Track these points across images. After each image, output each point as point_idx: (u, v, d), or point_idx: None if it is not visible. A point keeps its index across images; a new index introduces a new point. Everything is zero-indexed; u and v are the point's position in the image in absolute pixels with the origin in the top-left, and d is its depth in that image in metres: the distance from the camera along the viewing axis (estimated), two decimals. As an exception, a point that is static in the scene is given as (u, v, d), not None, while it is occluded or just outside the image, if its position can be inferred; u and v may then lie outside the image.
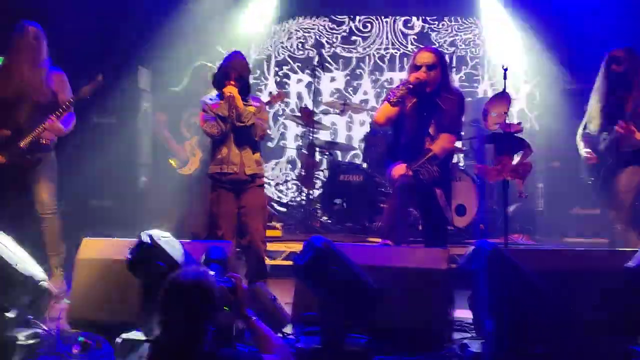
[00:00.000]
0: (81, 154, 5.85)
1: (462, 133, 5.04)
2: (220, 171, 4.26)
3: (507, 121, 4.53)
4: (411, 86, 3.94)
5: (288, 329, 3.48)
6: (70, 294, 3.65)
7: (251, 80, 7.82)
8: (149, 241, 3.00)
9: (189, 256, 3.16)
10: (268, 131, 4.44)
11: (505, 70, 4.47)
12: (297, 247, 4.82)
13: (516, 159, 4.73)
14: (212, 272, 2.36)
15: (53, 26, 4.78)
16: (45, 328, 3.40)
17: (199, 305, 2.12)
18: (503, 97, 4.52)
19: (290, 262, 4.00)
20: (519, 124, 4.59)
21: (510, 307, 3.00)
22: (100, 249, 3.60)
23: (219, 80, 4.29)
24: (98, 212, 5.94)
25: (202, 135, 4.91)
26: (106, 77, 4.75)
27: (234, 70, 4.22)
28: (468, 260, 3.06)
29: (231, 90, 4.14)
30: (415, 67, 4.08)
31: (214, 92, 4.40)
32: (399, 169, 4.08)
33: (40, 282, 3.41)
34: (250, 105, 4.31)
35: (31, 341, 3.21)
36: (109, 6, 6.74)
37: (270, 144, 8.00)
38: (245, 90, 4.31)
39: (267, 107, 4.49)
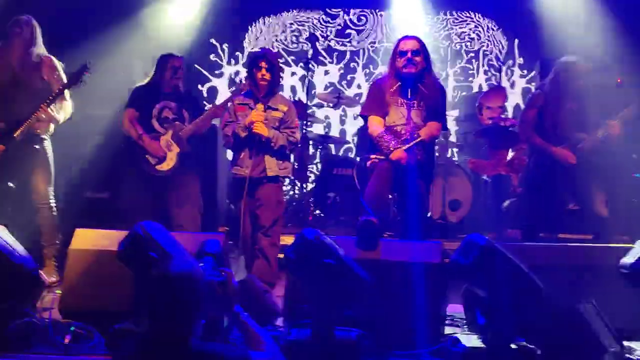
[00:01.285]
0: (76, 146, 5.83)
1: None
2: (237, 172, 4.39)
3: (503, 116, 4.55)
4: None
5: (279, 322, 3.47)
6: (62, 284, 3.63)
7: (244, 73, 7.94)
8: (141, 232, 2.99)
9: (181, 247, 3.15)
10: (297, 137, 4.47)
11: (501, 64, 4.47)
12: (290, 240, 4.80)
13: (511, 153, 4.75)
14: (202, 265, 2.32)
15: (47, 17, 4.75)
16: (38, 318, 3.39)
17: (186, 297, 2.08)
18: (498, 92, 4.52)
19: (282, 255, 4.01)
20: (514, 118, 4.59)
21: (503, 301, 3.00)
22: (92, 240, 3.58)
23: (249, 69, 4.35)
24: (94, 203, 5.93)
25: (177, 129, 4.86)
26: (100, 69, 4.72)
27: (264, 59, 4.27)
28: (461, 254, 3.06)
29: (259, 128, 4.17)
30: (399, 54, 4.11)
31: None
32: (398, 152, 4.11)
33: (33, 272, 3.41)
34: (277, 109, 4.33)
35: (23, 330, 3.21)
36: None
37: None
38: (275, 84, 4.36)
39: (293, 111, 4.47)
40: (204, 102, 7.79)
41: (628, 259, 3.06)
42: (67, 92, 4.57)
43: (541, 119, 4.66)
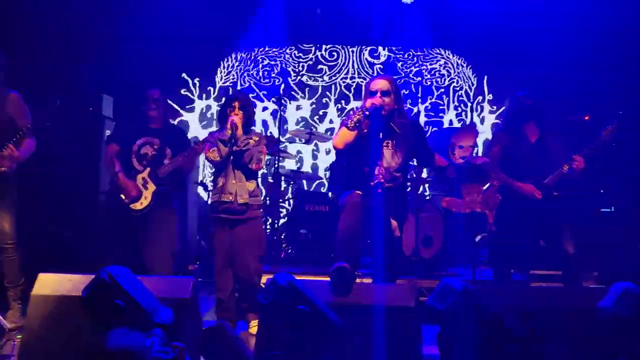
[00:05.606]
0: (42, 183, 5.71)
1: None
2: (218, 200, 4.44)
3: (474, 154, 4.57)
4: (367, 112, 3.92)
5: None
6: (23, 331, 3.48)
7: (215, 108, 7.92)
8: (107, 278, 2.89)
9: (149, 293, 3.06)
10: (262, 164, 4.64)
11: (472, 103, 4.51)
12: (262, 279, 4.72)
13: (484, 190, 4.75)
14: (150, 339, 2.00)
15: (14, 51, 4.65)
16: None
17: None
18: (469, 130, 4.54)
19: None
20: (485, 157, 4.61)
21: (478, 345, 2.96)
22: (55, 285, 3.43)
23: (223, 111, 4.56)
24: (58, 242, 5.78)
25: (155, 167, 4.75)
26: (69, 104, 4.61)
27: (237, 100, 4.51)
28: (436, 299, 3.01)
29: (234, 118, 4.41)
30: (370, 93, 4.09)
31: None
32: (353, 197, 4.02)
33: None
34: (251, 138, 4.52)
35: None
36: (73, 32, 6.65)
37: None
38: (248, 122, 4.56)
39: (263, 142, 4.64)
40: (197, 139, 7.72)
41: (605, 302, 3.02)
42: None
43: (507, 154, 4.71)
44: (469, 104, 4.74)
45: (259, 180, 7.32)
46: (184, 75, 8.08)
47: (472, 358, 2.99)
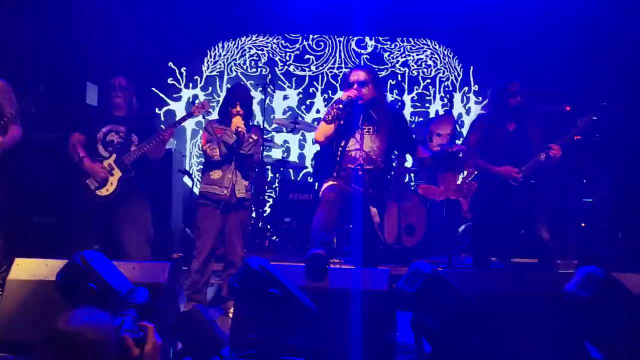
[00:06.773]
0: (26, 170, 5.70)
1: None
2: (212, 191, 4.61)
3: (458, 142, 4.60)
4: (341, 105, 4.01)
5: (226, 352, 3.40)
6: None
7: (202, 97, 7.92)
8: (80, 262, 2.91)
9: (122, 277, 3.08)
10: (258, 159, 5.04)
11: (448, 90, 4.53)
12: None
13: (460, 178, 4.79)
14: (121, 318, 2.00)
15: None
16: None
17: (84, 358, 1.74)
18: (447, 118, 4.57)
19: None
20: (462, 144, 4.64)
21: (448, 329, 2.99)
22: (31, 270, 3.45)
23: (225, 107, 4.70)
24: (42, 230, 5.78)
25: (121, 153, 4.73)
26: (53, 93, 4.59)
27: (238, 98, 4.63)
28: (406, 282, 3.04)
29: (239, 124, 4.53)
30: (348, 85, 4.16)
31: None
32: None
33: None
34: (251, 136, 4.70)
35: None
36: (57, 21, 6.64)
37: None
38: (248, 118, 4.72)
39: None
40: (162, 126, 7.72)
41: (570, 284, 3.06)
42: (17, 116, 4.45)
43: (484, 142, 4.74)
44: (454, 94, 4.76)
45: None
46: (170, 64, 8.07)
47: (444, 340, 3.03)
